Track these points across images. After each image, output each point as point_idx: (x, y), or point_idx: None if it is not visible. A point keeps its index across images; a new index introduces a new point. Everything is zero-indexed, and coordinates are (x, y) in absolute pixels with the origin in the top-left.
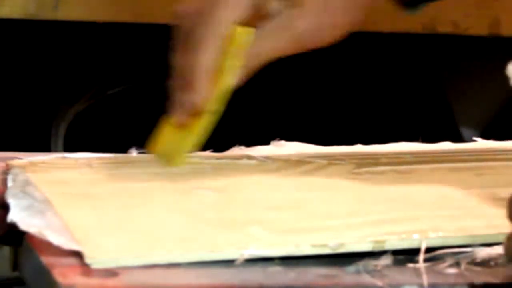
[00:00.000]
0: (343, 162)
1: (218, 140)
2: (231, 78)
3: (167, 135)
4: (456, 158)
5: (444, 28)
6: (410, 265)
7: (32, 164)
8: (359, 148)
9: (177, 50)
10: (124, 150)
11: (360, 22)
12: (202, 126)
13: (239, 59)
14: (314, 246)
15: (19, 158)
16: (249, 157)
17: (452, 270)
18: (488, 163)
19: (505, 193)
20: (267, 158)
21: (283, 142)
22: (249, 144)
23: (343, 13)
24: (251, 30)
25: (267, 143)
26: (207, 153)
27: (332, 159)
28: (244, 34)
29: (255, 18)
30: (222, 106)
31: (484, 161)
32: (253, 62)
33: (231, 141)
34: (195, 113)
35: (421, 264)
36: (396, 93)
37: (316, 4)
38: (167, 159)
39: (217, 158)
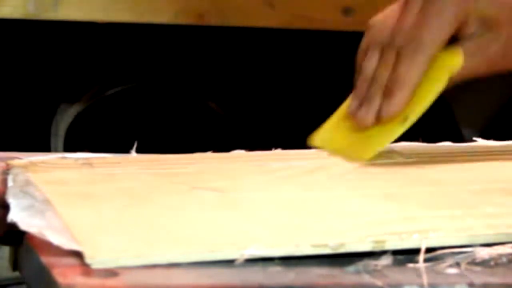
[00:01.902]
0: (343, 162)
1: (219, 144)
2: (432, 96)
3: (342, 131)
4: (456, 158)
5: None
6: (410, 265)
7: (32, 164)
8: None
9: (373, 57)
10: (124, 150)
11: None
12: (393, 133)
13: (444, 81)
14: (314, 246)
15: (19, 158)
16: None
17: (452, 270)
18: (488, 162)
19: (505, 193)
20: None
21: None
22: (250, 148)
23: None
24: (460, 56)
25: (267, 145)
26: (208, 153)
27: (332, 160)
28: (455, 59)
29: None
30: (416, 118)
31: (484, 161)
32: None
33: (233, 145)
34: (384, 121)
35: (421, 264)
36: None
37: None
38: (350, 155)
39: (218, 159)
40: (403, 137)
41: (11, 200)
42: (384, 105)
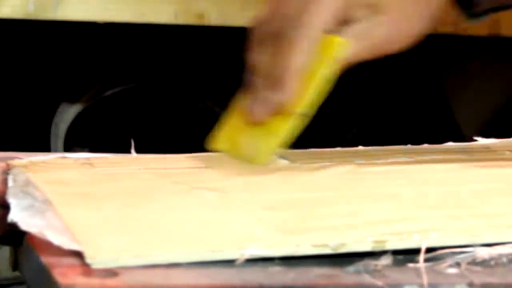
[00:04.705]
0: (343, 162)
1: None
2: (323, 85)
3: (240, 131)
4: (457, 158)
5: (444, 28)
6: (410, 265)
7: (33, 164)
8: (360, 149)
9: (261, 50)
10: (124, 150)
11: (430, 28)
12: (288, 127)
13: (332, 68)
14: (314, 246)
15: (19, 158)
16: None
17: (452, 270)
18: (488, 162)
19: (505, 193)
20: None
21: None
22: None
23: (419, 20)
24: (347, 40)
25: None
26: (209, 153)
27: (332, 160)
28: (340, 44)
29: (337, 24)
30: (311, 110)
31: (483, 161)
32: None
33: None
34: (278, 113)
35: (421, 264)
36: (396, 93)
37: (397, 13)
38: (248, 157)
39: (218, 159)
40: (403, 137)
41: (12, 200)
42: (274, 96)
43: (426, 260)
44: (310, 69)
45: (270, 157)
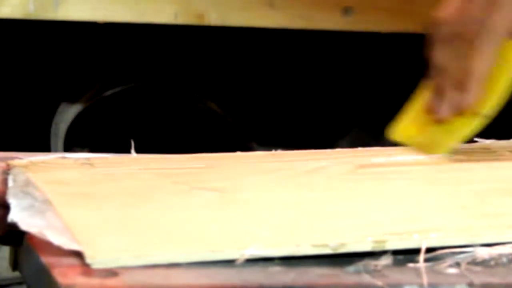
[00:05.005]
0: (343, 162)
1: (220, 144)
2: (505, 88)
3: (421, 125)
4: (457, 158)
5: None
6: (410, 265)
7: (33, 164)
8: (360, 149)
9: (444, 50)
10: (124, 150)
11: None
12: (470, 127)
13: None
14: (314, 246)
15: (19, 158)
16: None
17: (452, 270)
18: (488, 163)
19: (505, 193)
20: (265, 158)
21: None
22: (250, 149)
23: None
24: None
25: (268, 146)
26: (209, 154)
27: (332, 160)
28: None
29: None
30: (493, 112)
31: (484, 161)
32: None
33: (233, 146)
34: (462, 113)
35: (421, 264)
36: (395, 93)
37: None
38: (428, 149)
39: (218, 159)
40: None
41: (12, 200)
42: (459, 98)
43: (426, 260)
44: (493, 72)
45: (449, 150)
